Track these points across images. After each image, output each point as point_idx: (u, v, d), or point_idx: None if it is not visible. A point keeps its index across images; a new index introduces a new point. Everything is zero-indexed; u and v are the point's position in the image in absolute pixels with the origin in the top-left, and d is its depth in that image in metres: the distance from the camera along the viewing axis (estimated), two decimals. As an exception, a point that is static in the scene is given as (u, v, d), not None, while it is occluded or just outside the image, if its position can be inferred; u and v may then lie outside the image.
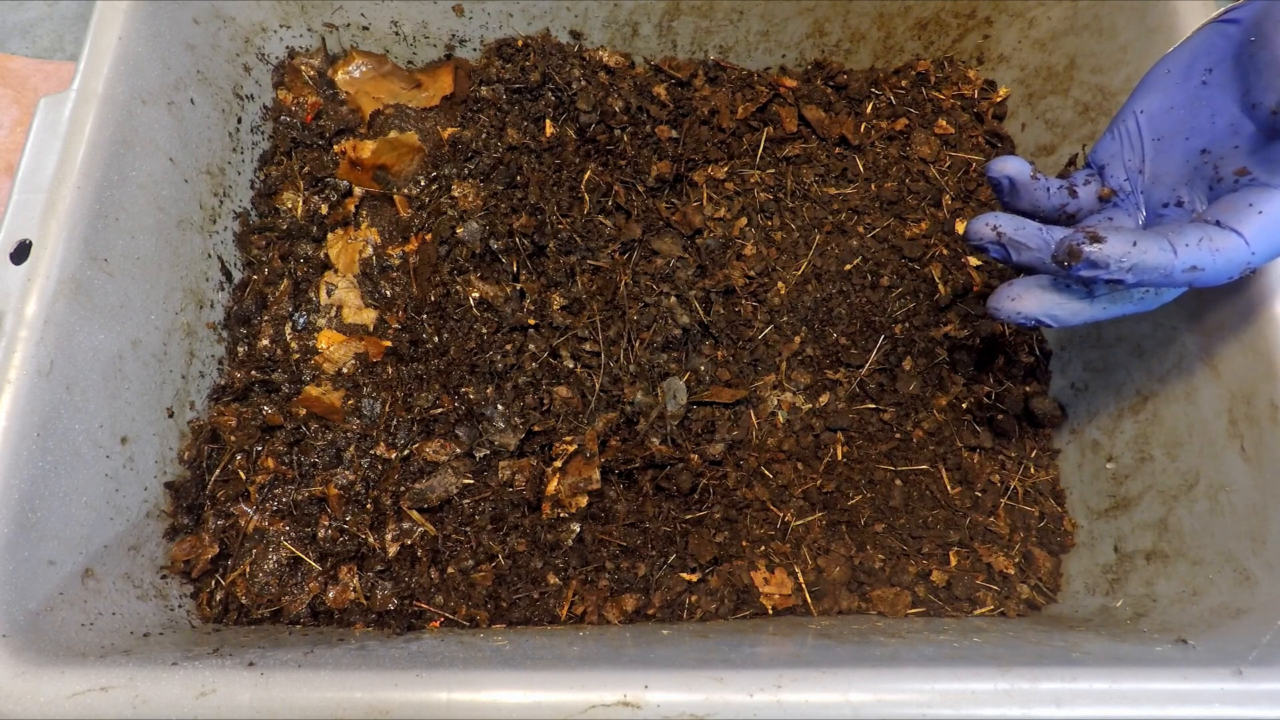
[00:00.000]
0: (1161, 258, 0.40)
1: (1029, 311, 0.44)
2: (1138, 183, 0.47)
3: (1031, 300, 0.44)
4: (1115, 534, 0.57)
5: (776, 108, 0.70)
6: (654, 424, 0.60)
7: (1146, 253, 0.40)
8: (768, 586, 0.57)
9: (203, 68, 0.61)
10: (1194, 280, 0.41)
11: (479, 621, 0.54)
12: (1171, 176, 0.46)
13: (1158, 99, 0.46)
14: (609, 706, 0.38)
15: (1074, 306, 0.44)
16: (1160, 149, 0.46)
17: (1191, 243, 0.40)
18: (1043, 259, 0.44)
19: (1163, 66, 0.46)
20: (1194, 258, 0.40)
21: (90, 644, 0.44)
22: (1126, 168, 0.47)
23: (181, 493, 0.55)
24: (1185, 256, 0.40)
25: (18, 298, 0.46)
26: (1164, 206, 0.46)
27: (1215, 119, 0.44)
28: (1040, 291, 0.44)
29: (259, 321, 0.62)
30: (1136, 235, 0.40)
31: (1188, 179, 0.45)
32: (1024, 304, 0.44)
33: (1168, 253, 0.40)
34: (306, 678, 0.39)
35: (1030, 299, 0.44)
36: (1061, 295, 0.44)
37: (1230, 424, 0.49)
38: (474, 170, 0.67)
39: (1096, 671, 0.39)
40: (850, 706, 0.38)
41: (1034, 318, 0.44)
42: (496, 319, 0.62)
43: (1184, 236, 0.40)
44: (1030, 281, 0.45)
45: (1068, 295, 0.44)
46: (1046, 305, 0.44)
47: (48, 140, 0.50)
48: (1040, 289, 0.44)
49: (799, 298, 0.65)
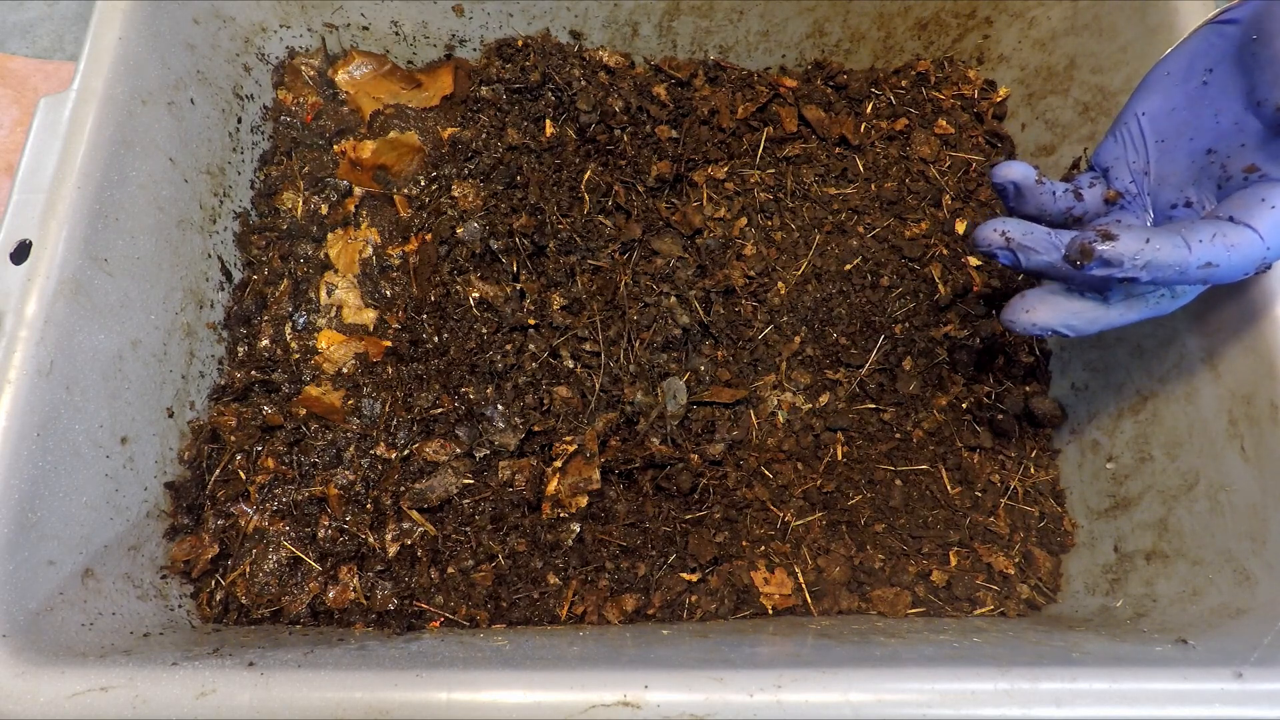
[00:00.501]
0: (1176, 254, 0.39)
1: (1045, 322, 0.44)
2: (1143, 184, 0.47)
3: (1046, 310, 0.44)
4: (1115, 534, 0.57)
5: (776, 108, 0.70)
6: (654, 424, 0.60)
7: (1160, 249, 0.39)
8: (768, 586, 0.57)
9: (203, 68, 0.61)
10: (1209, 277, 0.40)
11: (479, 621, 0.54)
12: (1178, 177, 0.46)
13: (1159, 101, 0.46)
14: (609, 706, 0.38)
15: (1090, 314, 0.44)
16: (1164, 150, 0.46)
17: (1205, 238, 0.40)
18: (1053, 263, 0.43)
19: (1162, 69, 0.46)
20: (1208, 254, 0.40)
21: (90, 644, 0.44)
22: (1131, 170, 0.47)
23: (181, 493, 0.55)
24: (1199, 252, 0.40)
25: (18, 298, 0.46)
26: (1172, 207, 0.46)
27: (1219, 118, 0.44)
28: (1054, 300, 0.44)
29: (259, 321, 0.62)
30: (1149, 232, 0.40)
31: (1195, 179, 0.45)
32: (1039, 315, 0.44)
33: (1182, 249, 0.39)
34: (306, 678, 0.39)
35: (1044, 309, 0.44)
36: (1076, 302, 0.44)
37: (1230, 424, 0.49)
38: (474, 170, 0.67)
39: (1096, 671, 0.39)
40: (850, 706, 0.38)
41: (1050, 328, 0.44)
42: (496, 319, 0.62)
43: (1197, 232, 0.40)
44: (1043, 291, 0.45)
45: (1082, 302, 0.44)
46: (1062, 314, 0.44)
47: (48, 140, 0.50)
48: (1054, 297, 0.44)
49: (799, 298, 0.65)
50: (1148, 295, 0.44)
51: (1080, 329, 0.44)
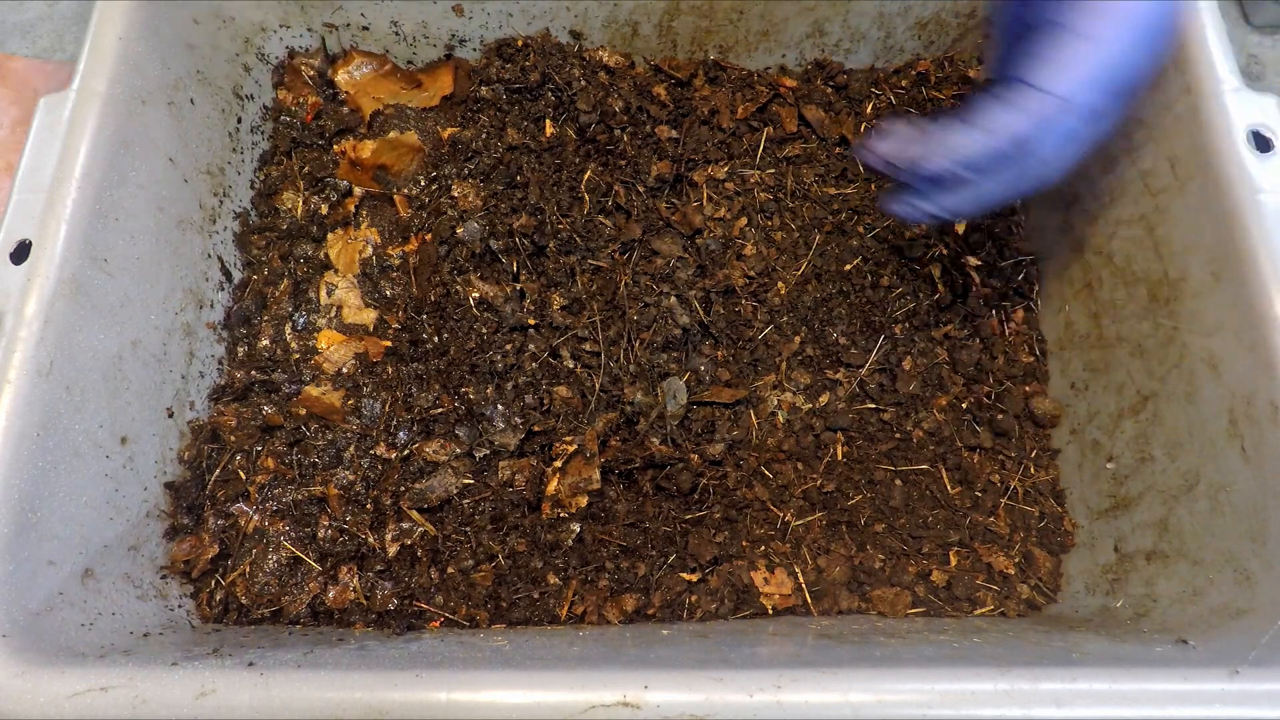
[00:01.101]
0: (963, 136, 0.44)
1: (925, 207, 0.49)
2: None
3: (920, 201, 0.49)
4: (1115, 534, 0.57)
5: (776, 108, 0.70)
6: (654, 424, 0.60)
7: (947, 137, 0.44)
8: (768, 586, 0.57)
9: (203, 68, 0.61)
10: (1031, 147, 0.43)
11: (479, 621, 0.54)
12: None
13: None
14: (609, 707, 0.38)
15: (955, 202, 0.48)
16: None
17: (984, 109, 0.43)
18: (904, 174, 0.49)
19: None
20: (1002, 124, 0.43)
21: (90, 644, 0.44)
22: None
23: (181, 493, 0.55)
24: (989, 125, 0.43)
25: (18, 298, 0.46)
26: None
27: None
28: (925, 192, 0.49)
29: (259, 321, 0.62)
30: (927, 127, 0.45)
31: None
32: (918, 206, 0.50)
33: (970, 129, 0.44)
34: (306, 678, 0.39)
35: (918, 202, 0.49)
36: (942, 191, 0.48)
37: (1230, 424, 0.49)
38: (474, 170, 0.67)
39: (1096, 672, 0.39)
40: (850, 707, 0.38)
41: (929, 213, 0.49)
42: (496, 319, 0.62)
43: (974, 109, 0.43)
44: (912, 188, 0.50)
45: (944, 189, 0.48)
46: (935, 203, 0.49)
47: (48, 140, 0.50)
48: (923, 191, 0.49)
49: (799, 298, 0.65)
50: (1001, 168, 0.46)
51: (958, 209, 0.48)
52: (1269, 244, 0.48)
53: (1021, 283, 0.67)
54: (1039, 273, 0.67)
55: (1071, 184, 0.64)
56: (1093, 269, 0.62)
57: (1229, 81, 0.52)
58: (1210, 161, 0.51)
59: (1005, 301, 0.66)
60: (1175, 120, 0.54)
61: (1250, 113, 0.51)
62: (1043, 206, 0.67)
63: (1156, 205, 0.56)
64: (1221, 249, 0.50)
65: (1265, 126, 0.51)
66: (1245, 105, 0.52)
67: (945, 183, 0.47)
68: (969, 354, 0.64)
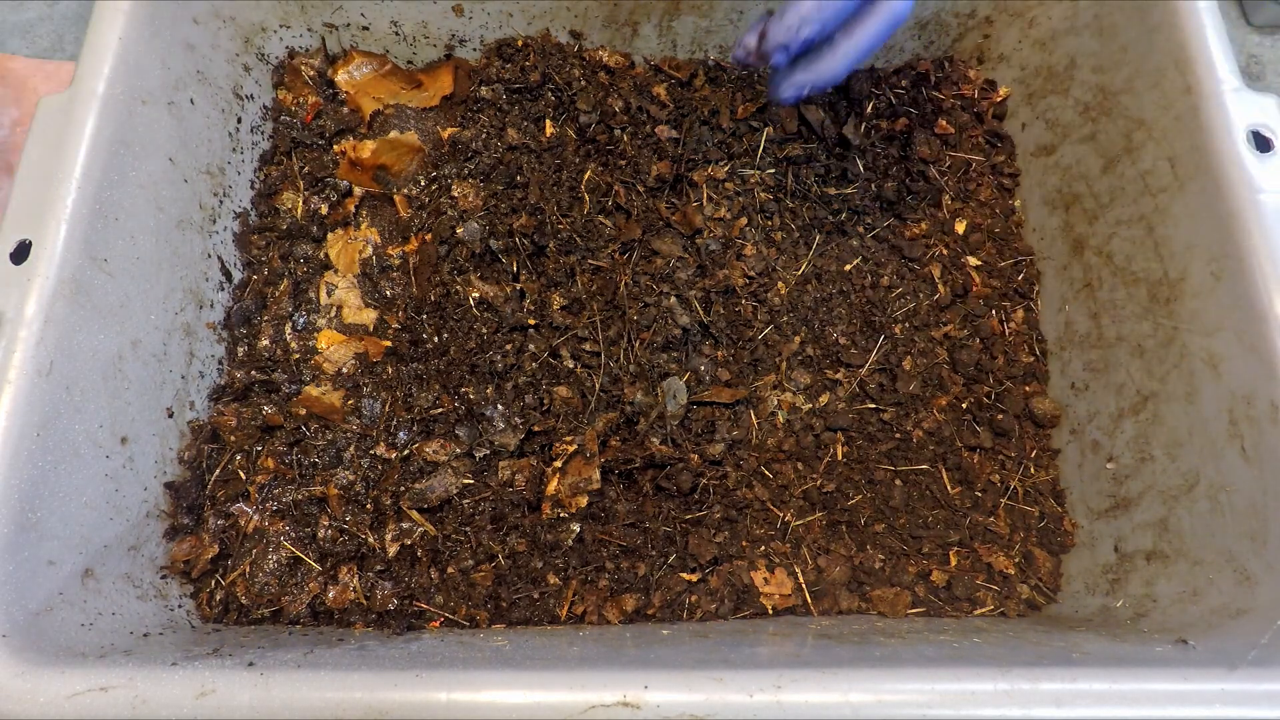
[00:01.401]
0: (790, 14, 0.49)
1: (801, 78, 0.52)
2: None
3: (795, 76, 0.53)
4: (1115, 534, 0.57)
5: (776, 108, 0.70)
6: (654, 424, 0.60)
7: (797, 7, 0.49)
8: (768, 586, 0.57)
9: (203, 68, 0.61)
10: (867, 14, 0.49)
11: (479, 621, 0.54)
12: None
13: None
14: (609, 707, 0.38)
15: (821, 65, 0.52)
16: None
17: None
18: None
19: None
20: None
21: (90, 644, 0.44)
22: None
23: (181, 493, 0.55)
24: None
25: (18, 298, 0.46)
26: None
27: None
28: (797, 69, 0.53)
29: (259, 321, 0.62)
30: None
31: None
32: (794, 81, 0.53)
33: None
34: (306, 678, 0.39)
35: (794, 78, 0.53)
36: (811, 61, 0.52)
37: (1230, 424, 0.49)
38: (474, 170, 0.67)
39: (1096, 672, 0.39)
40: (850, 707, 0.38)
41: (807, 83, 0.52)
42: (496, 319, 0.62)
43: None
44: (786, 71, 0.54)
45: (813, 58, 0.52)
46: (810, 71, 0.52)
47: (47, 140, 0.50)
48: (796, 69, 0.53)
49: (799, 298, 0.65)
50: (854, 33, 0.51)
51: (826, 76, 0.52)
52: (1269, 244, 0.48)
53: (1021, 283, 0.67)
54: (1039, 273, 0.67)
55: (1071, 184, 0.64)
56: (1093, 269, 0.62)
57: (1229, 81, 0.52)
58: (1210, 161, 0.51)
59: (1005, 301, 0.67)
60: (1175, 120, 0.54)
61: (1250, 113, 0.51)
62: (1043, 206, 0.67)
63: (1156, 205, 0.56)
64: (1221, 249, 0.50)
65: (1265, 126, 0.51)
66: (1245, 105, 0.52)
67: (812, 51, 0.51)
68: (969, 354, 0.64)
